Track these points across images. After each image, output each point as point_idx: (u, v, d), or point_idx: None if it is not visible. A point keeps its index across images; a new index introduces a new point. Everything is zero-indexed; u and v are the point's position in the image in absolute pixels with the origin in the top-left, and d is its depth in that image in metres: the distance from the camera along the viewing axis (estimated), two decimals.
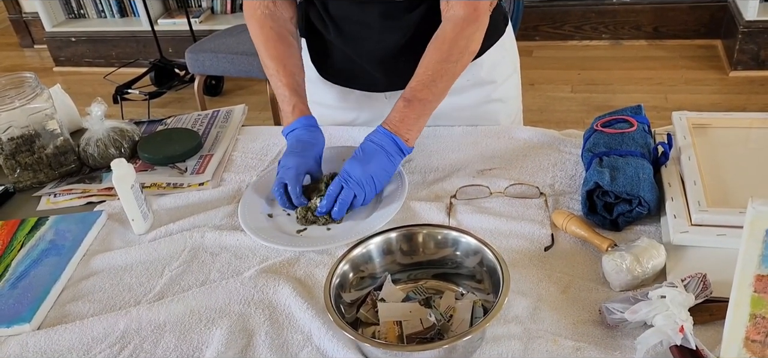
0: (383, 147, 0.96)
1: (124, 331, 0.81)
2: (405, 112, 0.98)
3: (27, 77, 1.12)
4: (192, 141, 1.19)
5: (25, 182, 1.14)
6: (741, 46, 3.04)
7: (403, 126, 0.97)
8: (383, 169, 0.96)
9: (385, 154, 0.96)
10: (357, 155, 0.96)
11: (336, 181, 0.95)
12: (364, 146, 0.97)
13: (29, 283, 0.89)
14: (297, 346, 0.76)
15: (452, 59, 0.99)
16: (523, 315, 0.76)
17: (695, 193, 0.84)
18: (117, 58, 4.01)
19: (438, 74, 0.99)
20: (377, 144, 0.96)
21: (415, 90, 0.98)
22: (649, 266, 0.76)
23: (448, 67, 0.99)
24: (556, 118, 2.94)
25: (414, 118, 0.98)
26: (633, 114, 0.99)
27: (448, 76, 1.00)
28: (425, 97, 0.98)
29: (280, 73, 1.06)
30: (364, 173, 0.93)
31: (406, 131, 0.97)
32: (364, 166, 0.94)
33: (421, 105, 0.98)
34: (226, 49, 2.78)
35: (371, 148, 0.96)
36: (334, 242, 0.90)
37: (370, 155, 0.95)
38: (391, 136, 0.96)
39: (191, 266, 0.91)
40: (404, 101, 0.98)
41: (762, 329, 0.61)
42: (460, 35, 0.98)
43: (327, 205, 0.94)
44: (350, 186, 0.93)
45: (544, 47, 3.66)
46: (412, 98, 0.98)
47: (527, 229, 0.90)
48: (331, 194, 0.94)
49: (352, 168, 0.94)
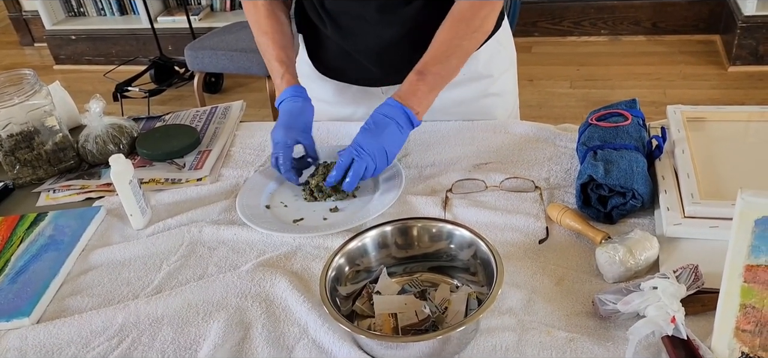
0: (395, 119, 0.96)
1: (122, 324, 0.81)
2: (417, 85, 0.98)
3: (26, 74, 1.13)
4: (190, 137, 1.20)
5: (25, 179, 1.15)
6: (739, 41, 3.04)
7: (415, 99, 0.97)
8: (394, 141, 0.96)
9: (396, 126, 0.96)
10: (369, 127, 0.96)
11: (346, 151, 0.95)
12: (376, 119, 0.96)
13: (28, 277, 0.90)
14: (293, 338, 0.77)
15: (467, 37, 1.00)
16: (517, 307, 0.77)
17: (688, 185, 0.85)
18: (117, 56, 4.02)
19: (452, 51, 1.00)
20: (389, 116, 0.96)
21: (428, 64, 0.99)
22: (642, 258, 0.77)
23: (463, 44, 1.00)
24: (555, 113, 2.95)
25: (425, 91, 0.98)
26: (627, 108, 1.00)
27: (461, 53, 1.01)
28: (438, 72, 0.99)
29: (270, 46, 1.08)
30: (377, 145, 0.94)
31: (418, 104, 0.98)
32: (376, 137, 0.94)
33: (433, 79, 0.99)
34: (226, 46, 2.79)
35: (383, 120, 0.96)
36: (332, 229, 0.92)
37: (382, 127, 0.95)
38: (402, 108, 0.96)
39: (189, 260, 0.92)
40: (417, 74, 0.98)
41: (752, 319, 0.62)
42: (476, 14, 0.99)
43: (337, 176, 0.95)
44: (362, 158, 0.93)
45: (542, 43, 3.66)
46: (425, 72, 0.98)
47: (522, 222, 0.91)
48: (342, 165, 0.94)
49: (365, 140, 0.94)
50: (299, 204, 1.01)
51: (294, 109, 1.03)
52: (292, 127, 1.00)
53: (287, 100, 1.04)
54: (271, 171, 1.08)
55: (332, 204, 0.99)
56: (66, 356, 0.78)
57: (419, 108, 0.98)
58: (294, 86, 1.06)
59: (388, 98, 0.98)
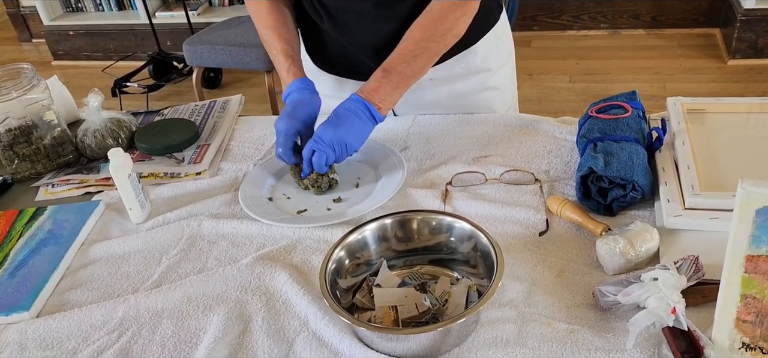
0: (355, 113, 0.98)
1: (122, 318, 0.81)
2: (381, 82, 1.00)
3: (23, 68, 1.12)
4: (189, 131, 1.20)
5: (23, 173, 1.14)
6: (739, 35, 3.04)
7: (377, 95, 1.00)
8: (355, 133, 0.98)
9: (357, 119, 0.98)
10: (330, 120, 0.98)
11: (308, 144, 0.98)
12: (337, 112, 0.99)
13: (28, 272, 0.90)
14: (293, 331, 0.77)
15: (435, 39, 1.01)
16: (517, 299, 0.77)
17: (689, 177, 0.85)
18: (115, 51, 4.01)
19: (419, 51, 1.00)
20: (350, 110, 0.99)
21: (394, 63, 1.00)
22: (642, 250, 0.77)
23: (430, 46, 1.01)
24: (554, 108, 2.94)
25: (389, 89, 1.00)
26: (627, 100, 1.00)
27: (428, 54, 1.02)
28: (403, 71, 1.01)
29: (275, 40, 1.08)
30: (335, 136, 0.96)
31: (380, 100, 1.00)
32: (335, 129, 0.97)
33: (397, 78, 1.00)
34: (224, 41, 2.78)
35: (344, 113, 0.99)
36: (333, 220, 0.92)
37: (343, 120, 0.98)
38: (364, 102, 0.99)
39: (189, 254, 0.92)
40: (382, 72, 1.00)
41: (753, 309, 0.62)
42: (446, 17, 0.99)
43: (305, 168, 0.99)
44: (321, 148, 0.96)
45: (542, 37, 3.66)
46: (390, 70, 1.00)
47: (522, 214, 0.90)
48: (305, 157, 0.98)
49: (324, 132, 0.97)
50: (302, 196, 1.01)
51: (300, 100, 1.03)
52: (294, 117, 1.00)
53: (294, 92, 1.04)
54: (271, 164, 1.08)
55: (335, 195, 1.00)
56: (66, 349, 0.78)
57: (381, 104, 1.00)
58: (301, 79, 1.05)
59: (353, 93, 1.01)
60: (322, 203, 0.99)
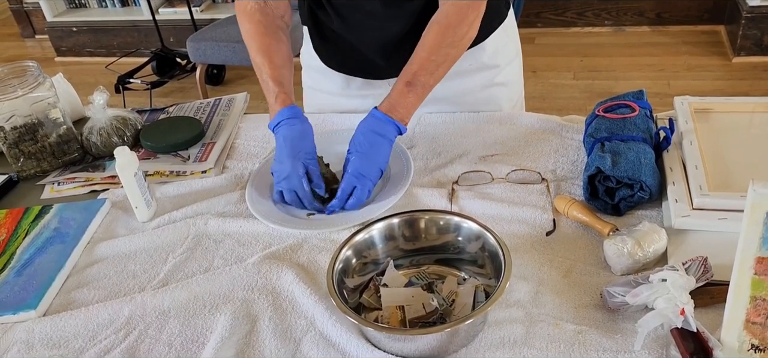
0: (387, 136, 0.96)
1: (128, 317, 0.81)
2: (407, 96, 0.98)
3: (29, 66, 1.12)
4: (194, 129, 1.20)
5: (29, 171, 1.14)
6: (744, 32, 3.03)
7: (404, 110, 0.98)
8: (386, 157, 0.97)
9: (388, 143, 0.97)
10: (363, 150, 0.95)
11: (348, 179, 0.94)
12: (369, 138, 0.96)
13: (34, 270, 0.90)
14: (300, 331, 0.77)
15: (454, 44, 0.99)
16: (524, 299, 0.77)
17: (697, 177, 0.84)
18: (118, 47, 4.01)
19: (440, 59, 0.99)
20: (381, 134, 0.96)
21: (418, 75, 0.98)
22: (650, 250, 0.77)
23: (451, 52, 1.00)
24: (559, 105, 2.94)
25: (413, 101, 0.99)
26: (635, 99, 0.99)
27: (449, 61, 1.01)
28: (427, 82, 0.99)
29: (266, 65, 1.03)
30: (374, 167, 0.94)
31: (406, 114, 0.98)
32: (372, 161, 0.94)
33: (422, 89, 0.99)
34: (228, 37, 2.78)
35: (376, 140, 0.96)
36: (340, 224, 0.92)
37: (377, 148, 0.95)
38: (393, 123, 0.97)
39: (195, 253, 0.92)
40: (406, 85, 0.98)
41: (762, 311, 0.62)
42: (463, 21, 0.98)
43: (339, 203, 0.94)
44: (364, 184, 0.94)
45: (546, 34, 3.64)
46: (414, 82, 0.98)
47: (529, 214, 0.90)
48: (345, 192, 0.94)
49: (362, 166, 0.94)
50: None
51: (294, 135, 0.97)
52: (297, 157, 0.95)
53: (284, 124, 0.98)
54: None
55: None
56: (73, 348, 0.78)
57: (406, 117, 0.99)
58: (290, 107, 1.00)
59: (377, 111, 0.97)
60: None
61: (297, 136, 0.97)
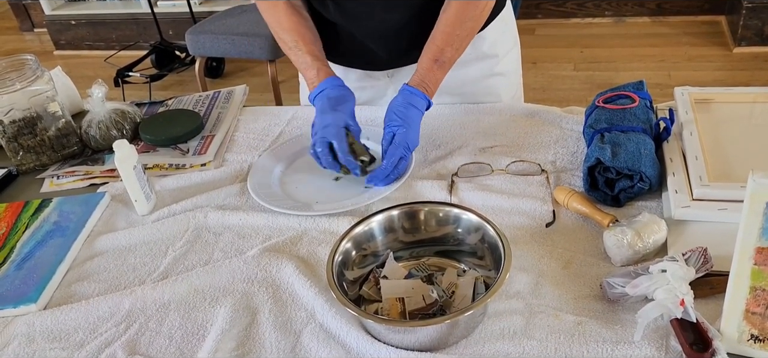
0: (419, 108, 0.99)
1: (129, 310, 0.81)
2: (436, 72, 1.01)
3: (27, 60, 1.12)
4: (193, 122, 1.20)
5: (28, 165, 1.14)
6: (745, 22, 3.02)
7: (433, 85, 1.02)
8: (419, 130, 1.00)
9: (420, 114, 1.00)
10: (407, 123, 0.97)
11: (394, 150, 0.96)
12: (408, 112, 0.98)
13: (34, 264, 0.90)
14: (300, 323, 0.77)
15: (475, 17, 1.02)
16: (524, 291, 0.77)
17: (697, 168, 0.84)
18: (117, 41, 4.00)
19: (465, 33, 1.01)
20: (415, 106, 0.99)
21: (443, 51, 1.00)
22: (650, 241, 0.77)
23: (471, 25, 1.02)
24: (559, 96, 2.93)
25: (440, 77, 1.02)
26: (635, 90, 0.99)
27: (471, 34, 1.03)
28: (452, 57, 1.02)
29: (299, 42, 1.06)
30: (414, 140, 0.98)
31: (435, 89, 1.02)
32: (414, 134, 0.98)
33: (448, 65, 1.02)
34: (227, 30, 2.77)
35: (413, 112, 0.98)
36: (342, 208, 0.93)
37: (414, 120, 0.98)
38: (425, 96, 1.00)
39: (195, 245, 0.92)
40: (434, 62, 1.01)
41: (762, 302, 0.62)
42: None
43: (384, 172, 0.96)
44: (407, 155, 0.97)
45: (546, 25, 3.63)
46: (441, 58, 1.01)
47: (529, 206, 0.90)
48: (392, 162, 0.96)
49: (409, 137, 0.97)
50: (314, 185, 1.01)
51: (337, 95, 1.01)
52: (338, 111, 0.98)
53: (328, 88, 1.02)
54: (278, 153, 1.08)
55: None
56: (73, 341, 0.78)
57: (434, 91, 1.02)
58: (333, 77, 1.04)
59: (408, 86, 0.99)
60: (333, 192, 0.99)
61: (340, 97, 1.01)
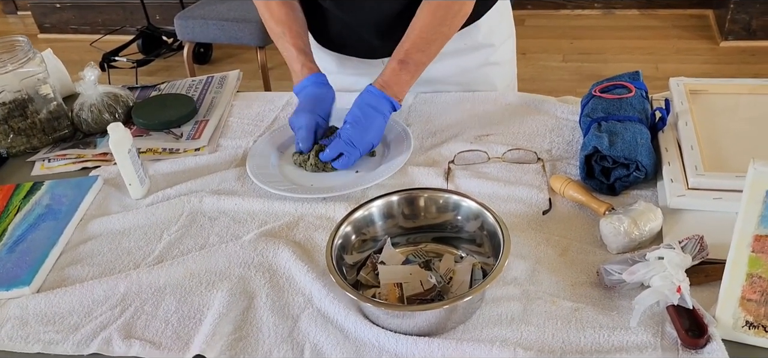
0: (378, 109, 0.98)
1: (124, 293, 0.81)
2: (400, 74, 1.00)
3: (19, 41, 1.10)
4: (187, 106, 1.18)
5: (19, 147, 1.13)
6: (733, 16, 3.05)
7: (397, 87, 1.00)
8: (378, 130, 1.00)
9: (381, 117, 0.99)
10: (358, 121, 0.98)
11: (336, 144, 0.97)
12: (364, 111, 0.98)
13: (27, 247, 0.89)
14: (298, 307, 0.77)
15: (447, 23, 1.01)
16: (521, 277, 0.77)
17: (692, 157, 0.85)
18: (103, 25, 3.94)
19: (433, 37, 1.00)
20: (373, 107, 0.98)
21: (409, 53, 1.00)
22: (646, 229, 0.77)
23: (443, 30, 1.01)
24: (548, 87, 2.94)
25: (407, 79, 1.01)
26: (631, 80, 1.00)
27: (441, 39, 1.02)
28: (420, 60, 1.01)
29: (287, 34, 1.07)
30: (366, 139, 0.98)
31: (400, 91, 1.01)
32: (362, 132, 0.97)
33: (414, 67, 1.01)
34: (216, 15, 2.74)
35: (369, 112, 0.98)
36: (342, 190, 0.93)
37: (369, 120, 0.98)
38: (388, 99, 0.99)
39: (190, 230, 0.91)
40: (399, 63, 1.00)
41: (758, 289, 0.63)
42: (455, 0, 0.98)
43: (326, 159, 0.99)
44: (351, 154, 0.97)
45: (535, 16, 3.64)
46: (407, 60, 1.00)
47: (525, 193, 0.91)
48: (330, 156, 0.98)
49: (352, 135, 0.97)
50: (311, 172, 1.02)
51: (316, 94, 1.03)
52: (314, 113, 1.01)
53: (310, 86, 1.04)
54: (275, 137, 1.08)
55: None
56: (68, 324, 0.77)
57: (401, 94, 1.02)
58: (317, 74, 1.06)
59: (371, 86, 1.00)
60: (328, 178, 0.99)
61: (319, 96, 1.04)
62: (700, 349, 0.65)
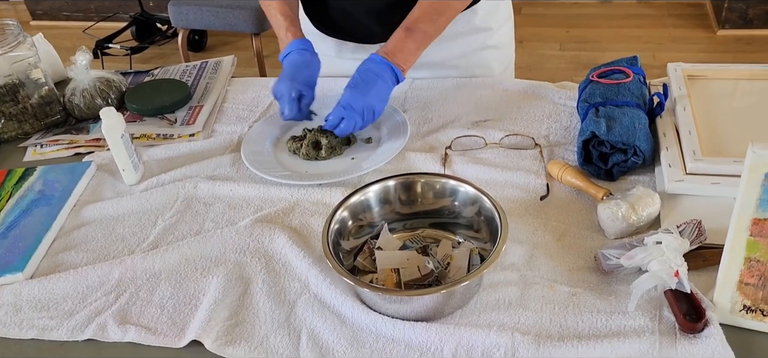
0: (381, 76, 0.96)
1: (119, 279, 0.80)
2: (405, 42, 0.98)
3: (9, 24, 1.09)
4: (181, 92, 1.17)
5: (10, 133, 1.11)
6: (729, 5, 3.04)
7: (401, 56, 0.98)
8: (381, 97, 0.97)
9: (383, 83, 0.96)
10: (356, 84, 0.95)
11: (336, 110, 0.95)
12: (363, 75, 0.96)
13: (20, 232, 0.88)
14: (294, 293, 0.76)
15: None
16: (519, 262, 0.77)
17: (690, 142, 0.85)
18: (96, 11, 3.90)
19: (442, 8, 0.98)
20: (375, 72, 0.96)
21: (418, 21, 0.98)
22: (644, 214, 0.77)
23: (452, 3, 0.99)
24: (545, 75, 2.91)
25: (412, 48, 0.98)
26: (629, 65, 0.99)
27: (450, 11, 1.00)
28: (427, 30, 0.99)
29: (275, 1, 1.05)
30: (365, 102, 0.95)
31: (404, 61, 0.98)
32: (364, 96, 0.95)
33: (421, 37, 0.99)
34: (211, 2, 2.72)
35: (370, 76, 0.96)
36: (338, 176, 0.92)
37: (370, 84, 0.95)
38: (389, 64, 0.97)
39: (185, 216, 0.91)
40: (405, 31, 0.98)
41: (756, 273, 0.63)
42: None
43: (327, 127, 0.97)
44: (351, 117, 0.94)
45: (533, 4, 3.63)
46: (414, 28, 0.98)
47: (523, 179, 0.90)
48: (332, 124, 0.96)
49: (353, 98, 0.94)
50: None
51: (300, 62, 1.01)
52: (295, 80, 0.98)
53: (293, 53, 1.02)
54: (270, 123, 1.07)
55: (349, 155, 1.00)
56: (62, 310, 0.77)
57: (405, 65, 0.98)
58: (300, 40, 1.03)
59: (374, 54, 0.98)
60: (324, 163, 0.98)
61: (302, 63, 1.01)
62: (698, 333, 0.65)
